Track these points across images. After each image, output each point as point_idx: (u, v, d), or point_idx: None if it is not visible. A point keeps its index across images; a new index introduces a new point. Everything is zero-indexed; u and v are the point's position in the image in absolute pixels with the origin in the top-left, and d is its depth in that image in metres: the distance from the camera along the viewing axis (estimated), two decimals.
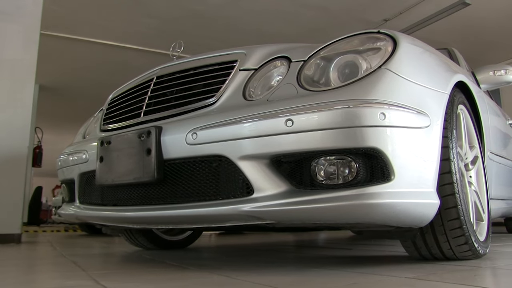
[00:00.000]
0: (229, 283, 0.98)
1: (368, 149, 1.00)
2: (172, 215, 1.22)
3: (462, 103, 1.45)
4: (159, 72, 1.48)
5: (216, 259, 1.59)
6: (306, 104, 1.04)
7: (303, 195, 1.05)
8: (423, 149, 1.09)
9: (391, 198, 1.01)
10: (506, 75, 2.05)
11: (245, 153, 1.08)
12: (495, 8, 4.14)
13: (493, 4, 4.06)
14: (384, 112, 1.01)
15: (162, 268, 1.28)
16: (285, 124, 1.03)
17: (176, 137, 1.20)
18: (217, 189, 1.15)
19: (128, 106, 1.51)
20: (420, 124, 1.09)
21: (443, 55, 1.57)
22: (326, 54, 1.20)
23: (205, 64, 1.36)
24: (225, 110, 1.19)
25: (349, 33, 1.25)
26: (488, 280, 0.92)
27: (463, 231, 1.20)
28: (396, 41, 1.18)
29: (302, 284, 0.93)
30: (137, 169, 1.27)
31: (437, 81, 1.24)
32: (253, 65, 1.28)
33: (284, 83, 1.17)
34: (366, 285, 0.89)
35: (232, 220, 1.15)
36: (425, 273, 1.04)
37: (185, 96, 1.34)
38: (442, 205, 1.18)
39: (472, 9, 4.05)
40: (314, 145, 1.02)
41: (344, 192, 1.02)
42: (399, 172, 1.02)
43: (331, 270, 1.14)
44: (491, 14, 4.24)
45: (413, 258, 1.36)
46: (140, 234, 2.07)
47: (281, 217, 1.07)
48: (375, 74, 1.08)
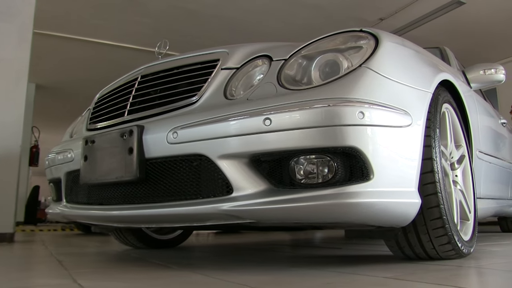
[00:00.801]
0: (205, 281, 0.97)
1: (346, 148, 1.00)
2: (153, 214, 1.22)
3: (448, 102, 1.44)
4: (143, 71, 1.47)
5: (203, 258, 1.59)
6: (285, 103, 1.04)
7: (282, 194, 1.04)
8: (404, 148, 1.09)
9: (370, 198, 1.01)
10: (496, 74, 2.04)
11: (224, 152, 1.08)
12: (490, 7, 4.12)
13: (488, 3, 4.04)
14: (363, 111, 1.00)
15: (145, 267, 1.28)
16: (263, 123, 1.03)
17: (158, 136, 1.20)
18: (197, 188, 1.15)
19: (113, 105, 1.51)
20: (401, 123, 1.09)
21: (429, 53, 1.57)
22: (307, 53, 1.19)
23: (188, 63, 1.36)
24: (205, 109, 1.19)
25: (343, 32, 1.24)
26: (464, 280, 0.92)
27: (446, 231, 1.20)
28: (378, 39, 1.18)
29: (277, 283, 0.92)
30: (120, 168, 1.26)
31: (420, 79, 1.23)
32: (234, 64, 1.27)
33: (264, 82, 1.16)
34: (340, 284, 0.88)
35: (212, 219, 1.15)
36: (405, 272, 1.03)
37: (168, 95, 1.33)
38: (424, 204, 1.17)
39: (467, 8, 4.04)
40: (292, 144, 1.01)
41: (323, 191, 1.01)
42: (378, 171, 1.02)
43: (312, 270, 1.14)
44: (487, 13, 4.22)
45: (399, 257, 1.36)
46: (130, 233, 2.07)
47: (260, 216, 1.07)
48: (355, 73, 1.08)
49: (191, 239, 3.17)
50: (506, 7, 4.15)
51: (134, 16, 4.29)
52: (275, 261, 1.40)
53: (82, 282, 0.97)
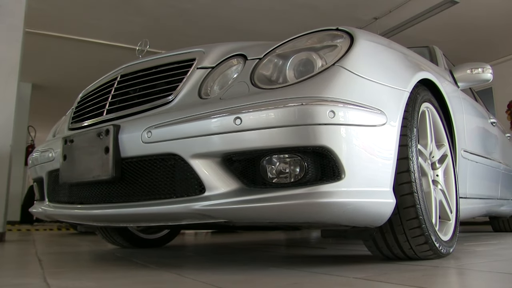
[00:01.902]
0: (174, 280, 0.97)
1: (316, 148, 0.99)
2: (129, 213, 1.22)
3: (429, 101, 1.43)
4: (123, 71, 1.47)
5: (185, 257, 1.58)
6: (255, 102, 1.03)
7: (253, 194, 1.04)
8: (377, 147, 1.08)
9: (341, 197, 1.00)
10: (483, 73, 2.03)
11: (196, 152, 1.07)
12: (484, 7, 4.11)
13: (481, 3, 4.03)
14: (333, 110, 0.99)
15: (122, 266, 1.28)
16: (234, 122, 1.02)
17: (133, 136, 1.19)
18: (171, 187, 1.14)
19: (93, 104, 1.51)
20: (374, 122, 1.08)
21: (412, 52, 1.56)
22: (282, 52, 1.19)
23: (166, 62, 1.36)
24: (180, 108, 1.18)
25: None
26: (431, 280, 0.91)
27: (422, 231, 1.19)
28: (354, 38, 1.17)
29: (245, 283, 0.92)
30: (97, 168, 1.26)
31: (396, 78, 1.22)
32: (210, 63, 1.27)
33: (238, 81, 1.16)
34: (307, 284, 0.88)
35: (185, 219, 1.14)
36: (378, 273, 1.03)
37: (146, 95, 1.33)
38: (400, 204, 1.17)
39: (461, 7, 4.02)
40: (262, 144, 1.01)
41: (294, 191, 1.01)
42: (350, 170, 1.01)
43: (287, 269, 1.13)
44: (480, 13, 4.21)
45: (379, 258, 1.35)
46: (116, 232, 2.07)
47: (232, 215, 1.06)
48: (327, 72, 1.07)
49: (183, 238, 3.17)
50: (500, 7, 4.13)
51: (128, 15, 4.29)
52: (255, 260, 1.40)
53: (51, 282, 0.96)
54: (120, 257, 1.62)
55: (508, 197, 2.76)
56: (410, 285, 0.83)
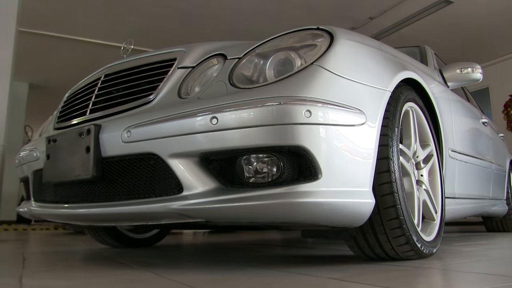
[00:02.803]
0: (149, 280, 0.97)
1: (292, 147, 0.99)
2: (110, 213, 1.22)
3: (413, 101, 1.43)
4: (107, 71, 1.47)
5: (169, 257, 1.58)
6: (231, 101, 1.03)
7: (230, 193, 1.03)
8: (356, 147, 1.08)
9: (317, 197, 1.00)
10: (473, 73, 2.02)
11: (174, 151, 1.07)
12: (479, 6, 4.09)
13: (476, 3, 4.02)
14: (310, 109, 0.99)
15: (104, 266, 1.28)
16: (210, 122, 1.02)
17: (113, 135, 1.19)
18: (150, 187, 1.14)
19: (77, 104, 1.51)
20: (353, 121, 1.08)
21: (397, 52, 1.55)
22: (262, 51, 1.19)
23: (148, 62, 1.35)
24: (159, 108, 1.18)
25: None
26: (406, 281, 0.90)
27: (403, 231, 1.19)
28: (334, 37, 1.16)
29: (218, 282, 0.92)
30: (78, 167, 1.26)
31: (377, 78, 1.22)
32: (191, 63, 1.27)
33: (216, 81, 1.15)
34: (279, 285, 0.87)
35: (164, 218, 1.14)
36: (354, 273, 1.02)
37: (128, 94, 1.33)
38: (380, 204, 1.16)
39: (456, 7, 4.01)
40: (238, 143, 1.00)
41: (270, 191, 1.00)
42: (327, 170, 1.00)
43: (265, 269, 1.13)
44: (476, 13, 4.19)
45: (362, 258, 1.34)
46: (105, 232, 2.06)
47: (210, 215, 1.06)
48: (305, 71, 1.07)
49: (178, 238, 3.17)
50: (496, 7, 4.12)
51: (123, 15, 4.30)
52: (238, 260, 1.39)
53: (25, 281, 0.96)
54: (106, 257, 1.62)
55: (500, 197, 2.75)
56: (382, 285, 0.83)
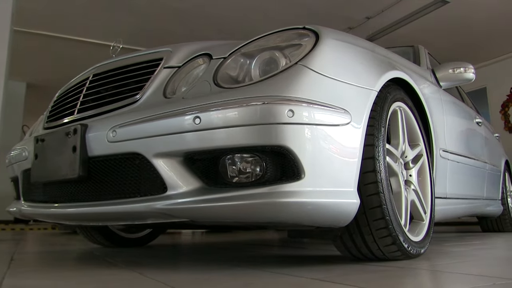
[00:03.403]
0: (132, 279, 0.97)
1: (275, 147, 0.99)
2: (97, 212, 1.22)
3: (401, 100, 1.42)
4: (95, 70, 1.47)
5: (157, 257, 1.58)
6: (214, 101, 1.03)
7: (214, 193, 1.03)
8: (340, 147, 1.07)
9: (300, 197, 0.99)
10: (465, 72, 2.01)
11: (158, 151, 1.07)
12: (475, 7, 4.09)
13: (472, 3, 4.01)
14: (292, 109, 0.99)
15: (90, 265, 1.28)
16: (193, 122, 1.02)
17: (99, 135, 1.19)
18: (135, 186, 1.14)
19: (67, 104, 1.51)
20: (337, 121, 1.07)
21: (387, 51, 1.55)
22: (247, 51, 1.18)
23: (135, 62, 1.35)
24: (145, 107, 1.18)
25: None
26: (388, 282, 0.90)
27: (390, 231, 1.18)
28: (319, 36, 1.16)
29: (199, 282, 0.92)
30: (65, 167, 1.26)
31: (363, 77, 1.21)
32: (177, 62, 1.27)
33: (201, 81, 1.15)
34: (259, 285, 0.87)
35: (149, 218, 1.14)
36: (338, 274, 1.02)
37: (115, 94, 1.33)
38: (366, 204, 1.16)
39: (452, 7, 4.00)
40: (221, 143, 1.00)
41: (253, 190, 1.00)
42: (310, 170, 1.00)
43: (250, 269, 1.12)
44: (473, 13, 4.19)
45: (349, 258, 1.34)
46: (96, 231, 2.07)
47: (193, 214, 1.06)
48: (289, 71, 1.07)
49: (173, 237, 3.17)
50: (492, 7, 4.11)
51: (120, 14, 4.30)
52: (224, 260, 1.39)
53: (7, 281, 0.96)
54: (95, 256, 1.62)
55: (495, 197, 2.74)
56: (360, 286, 0.82)
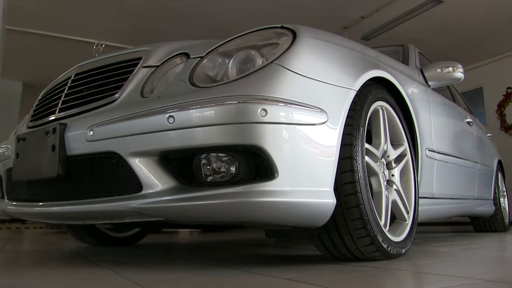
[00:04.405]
0: (104, 278, 0.97)
1: (248, 146, 0.98)
2: (75, 211, 1.22)
3: (383, 100, 1.41)
4: (78, 70, 1.47)
5: (141, 256, 1.58)
6: (188, 100, 1.03)
7: (188, 192, 1.03)
8: (316, 146, 1.07)
9: (273, 197, 0.99)
10: (454, 72, 2.00)
11: (134, 150, 1.07)
12: (470, 6, 4.08)
13: (466, 3, 4.00)
14: (265, 108, 0.98)
15: (69, 264, 1.28)
16: (167, 121, 1.02)
17: (77, 134, 1.19)
18: (112, 185, 1.14)
19: (49, 103, 1.51)
20: (313, 120, 1.07)
21: (372, 51, 1.54)
22: (224, 50, 1.18)
23: (116, 61, 1.35)
24: (123, 107, 1.18)
25: (324, 29, 1.23)
26: (357, 282, 0.90)
27: (368, 231, 1.18)
28: (296, 35, 1.16)
29: (170, 282, 0.92)
30: (44, 166, 1.26)
31: (342, 76, 1.21)
32: (155, 62, 1.26)
33: (177, 80, 1.15)
34: (229, 285, 0.87)
35: (125, 217, 1.14)
36: (311, 274, 1.01)
37: (96, 93, 1.33)
38: (343, 204, 1.15)
39: (446, 6, 3.99)
40: (194, 142, 1.00)
41: (226, 190, 1.00)
42: (284, 170, 1.00)
43: (226, 269, 1.12)
44: (466, 12, 4.17)
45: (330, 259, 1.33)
46: (84, 230, 2.07)
47: (168, 213, 1.06)
48: (264, 70, 1.06)
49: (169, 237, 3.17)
50: (486, 7, 4.09)
51: (115, 14, 4.30)
52: (203, 260, 1.39)
53: None
54: (79, 255, 1.62)
55: (487, 197, 2.73)
56: (327, 286, 0.82)
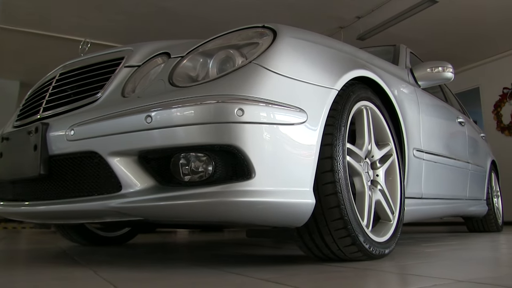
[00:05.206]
0: (81, 277, 0.97)
1: (224, 146, 0.98)
2: (56, 211, 1.22)
3: (368, 100, 1.41)
4: (62, 69, 1.47)
5: (127, 256, 1.58)
6: (166, 100, 1.03)
7: (166, 191, 1.03)
8: (295, 146, 1.07)
9: (250, 197, 0.99)
10: (444, 72, 2.00)
11: (113, 150, 1.07)
12: (464, 7, 4.06)
13: (460, 4, 3.99)
14: (242, 108, 0.98)
15: (52, 264, 1.28)
16: (145, 121, 1.02)
17: (59, 134, 1.20)
18: (93, 185, 1.14)
19: (34, 102, 1.51)
20: (291, 120, 1.07)
21: (358, 51, 1.54)
22: (205, 50, 1.18)
23: (99, 61, 1.36)
24: (104, 106, 1.18)
25: (320, 29, 1.22)
26: (326, 283, 0.89)
27: (349, 232, 1.17)
28: (277, 35, 1.16)
29: (145, 281, 0.92)
30: (27, 165, 1.27)
31: (322, 76, 1.20)
32: (137, 61, 1.27)
33: (157, 80, 1.15)
34: (203, 284, 0.87)
35: (106, 216, 1.14)
36: (288, 274, 1.01)
37: (79, 93, 1.33)
38: (324, 204, 1.15)
39: (441, 7, 3.98)
40: (172, 142, 1.00)
41: (204, 189, 1.00)
42: (261, 169, 1.00)
43: (207, 268, 1.12)
44: (461, 13, 4.16)
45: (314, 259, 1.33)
46: (73, 230, 2.07)
47: (147, 213, 1.06)
48: (242, 70, 1.06)
49: (163, 236, 3.17)
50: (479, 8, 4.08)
51: (111, 14, 4.31)
52: (185, 260, 1.39)
53: None
54: (65, 255, 1.62)
55: (479, 197, 2.72)
56: (297, 287, 0.82)
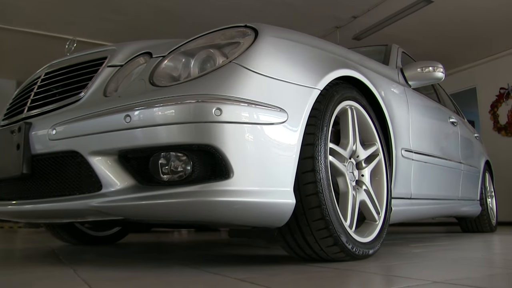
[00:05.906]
0: (61, 276, 0.98)
1: (202, 146, 0.98)
2: (38, 210, 1.22)
3: (353, 99, 1.40)
4: (48, 69, 1.48)
5: (114, 255, 1.58)
6: (145, 100, 1.03)
7: (146, 191, 1.03)
8: (275, 146, 1.06)
9: (228, 196, 0.99)
10: (434, 72, 1.99)
11: (94, 149, 1.07)
12: (458, 7, 4.05)
13: (456, 3, 3.98)
14: (220, 108, 0.98)
15: (35, 263, 1.28)
16: (124, 120, 1.02)
17: (41, 133, 1.20)
18: (74, 184, 1.14)
19: (20, 102, 1.51)
20: (271, 120, 1.06)
21: (344, 50, 1.53)
22: (187, 49, 1.18)
23: (83, 60, 1.36)
24: (85, 106, 1.18)
25: (316, 29, 1.22)
26: (302, 283, 0.89)
27: (330, 232, 1.17)
28: (258, 34, 1.15)
29: (121, 280, 0.92)
30: (10, 164, 1.27)
31: (304, 76, 1.20)
32: (119, 61, 1.27)
33: (138, 79, 1.15)
34: (175, 284, 0.87)
35: (87, 215, 1.14)
36: (267, 274, 1.01)
37: (63, 92, 1.33)
38: (305, 204, 1.15)
39: (436, 7, 3.98)
40: (150, 141, 1.00)
41: (183, 189, 1.00)
42: (239, 169, 1.00)
43: (186, 268, 1.12)
44: (455, 12, 4.15)
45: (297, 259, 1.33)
46: (62, 229, 2.07)
47: (126, 212, 1.06)
48: (222, 69, 1.06)
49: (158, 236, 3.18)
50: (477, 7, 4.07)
51: (107, 13, 4.31)
52: (167, 259, 1.39)
53: None
54: (52, 254, 1.63)
55: (472, 197, 2.72)
56: (269, 287, 0.82)
